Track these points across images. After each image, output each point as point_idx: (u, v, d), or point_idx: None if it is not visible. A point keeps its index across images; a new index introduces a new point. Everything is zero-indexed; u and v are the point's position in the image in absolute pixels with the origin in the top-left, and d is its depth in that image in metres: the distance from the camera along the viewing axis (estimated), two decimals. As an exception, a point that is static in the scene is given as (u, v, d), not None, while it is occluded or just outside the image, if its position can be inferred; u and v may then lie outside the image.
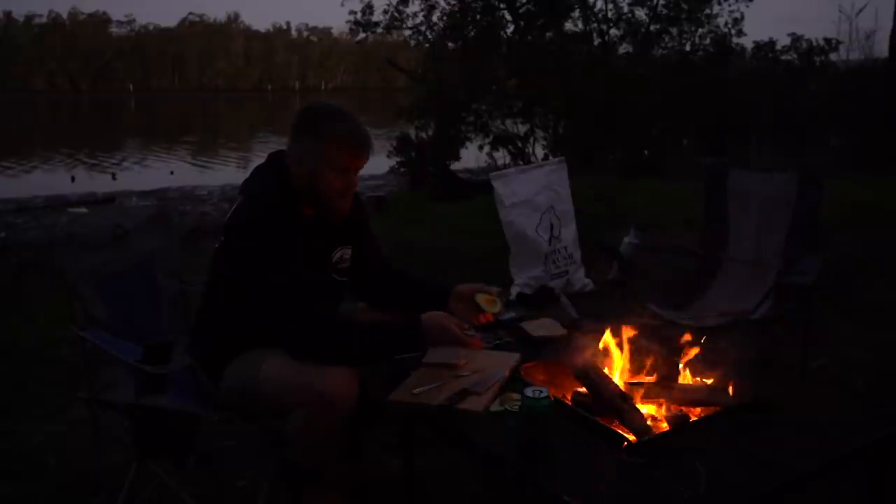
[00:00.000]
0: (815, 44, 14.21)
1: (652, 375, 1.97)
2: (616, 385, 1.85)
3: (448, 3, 15.22)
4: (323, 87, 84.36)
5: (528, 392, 1.64)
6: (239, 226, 1.99)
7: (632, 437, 1.66)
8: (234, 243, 1.99)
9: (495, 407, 1.85)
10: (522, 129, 13.87)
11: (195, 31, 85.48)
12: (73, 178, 16.51)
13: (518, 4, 14.85)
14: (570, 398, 1.88)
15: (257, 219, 1.96)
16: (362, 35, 16.94)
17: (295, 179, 2.02)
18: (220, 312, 2.07)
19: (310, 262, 2.02)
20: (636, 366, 2.00)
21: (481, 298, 2.23)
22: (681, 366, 1.97)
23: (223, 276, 2.04)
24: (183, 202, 12.79)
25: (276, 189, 2.01)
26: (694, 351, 1.98)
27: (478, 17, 15.02)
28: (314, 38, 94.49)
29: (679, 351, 1.99)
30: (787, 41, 14.50)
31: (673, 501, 1.47)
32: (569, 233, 3.22)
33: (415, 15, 15.82)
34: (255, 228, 1.94)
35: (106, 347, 2.08)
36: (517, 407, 1.75)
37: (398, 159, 14.04)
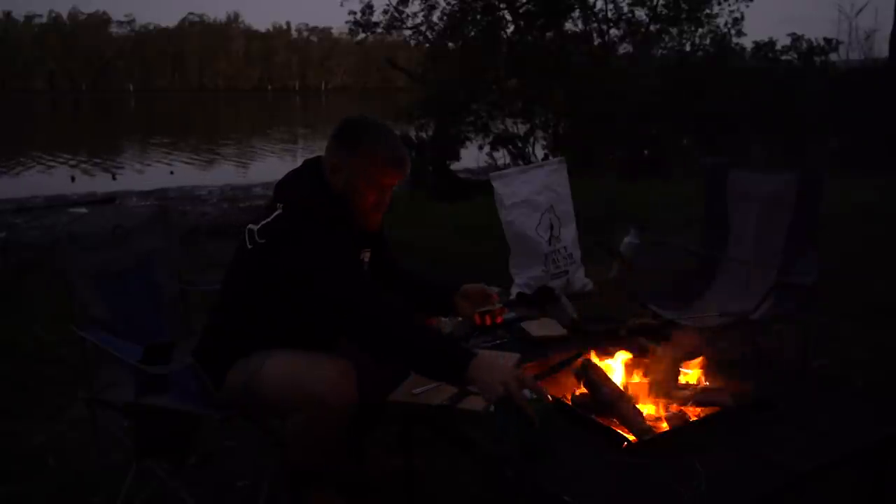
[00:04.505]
0: (815, 44, 14.18)
1: (652, 376, 1.97)
2: (616, 385, 1.85)
3: (448, 3, 15.21)
4: (323, 87, 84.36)
5: (529, 392, 1.64)
6: (285, 238, 1.92)
7: (632, 437, 1.66)
8: (283, 253, 1.92)
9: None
10: (522, 129, 13.86)
11: (195, 31, 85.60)
12: (73, 178, 16.50)
13: (518, 4, 14.83)
14: (570, 398, 1.88)
15: (303, 228, 1.92)
16: (362, 35, 16.92)
17: (331, 186, 2.02)
18: (240, 313, 2.03)
19: None
20: (636, 366, 2.00)
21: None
22: (680, 366, 1.97)
23: (259, 281, 1.98)
24: (183, 202, 12.77)
25: (315, 196, 1.99)
26: (694, 351, 1.99)
27: (478, 17, 14.99)
28: (314, 38, 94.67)
29: (678, 350, 1.99)
30: (787, 41, 14.48)
31: (673, 501, 1.47)
32: (569, 233, 3.22)
33: (415, 15, 15.81)
34: (304, 237, 1.90)
35: (106, 347, 2.08)
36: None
37: (398, 159, 13.99)
